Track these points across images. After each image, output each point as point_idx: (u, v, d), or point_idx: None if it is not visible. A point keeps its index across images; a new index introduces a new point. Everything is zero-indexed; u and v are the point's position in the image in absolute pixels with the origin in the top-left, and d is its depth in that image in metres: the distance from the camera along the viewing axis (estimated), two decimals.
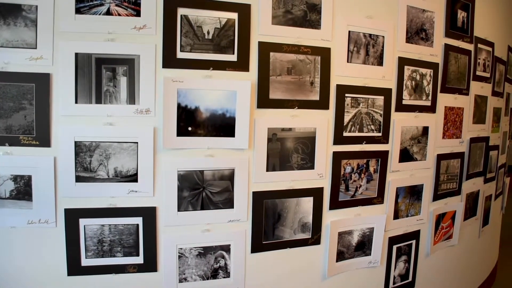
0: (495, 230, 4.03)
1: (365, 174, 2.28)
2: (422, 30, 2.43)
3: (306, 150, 2.06)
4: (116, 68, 1.71)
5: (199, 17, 1.79)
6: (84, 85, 1.68)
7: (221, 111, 1.83)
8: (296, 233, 2.12)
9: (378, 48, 2.23)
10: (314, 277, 2.23)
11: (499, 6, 3.27)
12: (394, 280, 2.59)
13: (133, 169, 1.76)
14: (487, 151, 3.24)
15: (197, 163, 1.85)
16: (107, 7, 1.68)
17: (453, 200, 2.89)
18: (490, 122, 3.25)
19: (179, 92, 1.76)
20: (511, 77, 3.86)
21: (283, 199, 2.05)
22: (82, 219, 1.74)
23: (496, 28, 3.19)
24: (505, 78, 3.56)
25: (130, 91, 1.73)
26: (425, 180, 2.61)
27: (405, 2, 2.32)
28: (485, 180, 3.32)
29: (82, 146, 1.70)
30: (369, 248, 2.38)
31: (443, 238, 2.87)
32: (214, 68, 1.82)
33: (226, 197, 1.91)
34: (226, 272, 1.98)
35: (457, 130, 2.81)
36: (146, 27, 1.73)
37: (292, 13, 1.97)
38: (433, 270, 2.88)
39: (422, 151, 2.55)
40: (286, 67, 1.96)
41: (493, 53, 3.12)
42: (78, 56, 1.66)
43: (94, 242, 1.77)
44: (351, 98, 2.16)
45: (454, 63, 2.67)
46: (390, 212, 2.44)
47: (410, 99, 2.41)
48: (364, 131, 2.23)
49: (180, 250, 1.88)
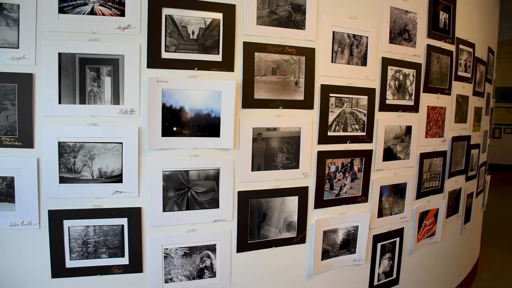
0: (476, 227, 4.11)
1: (350, 173, 2.30)
2: (405, 31, 2.46)
3: (291, 149, 2.07)
4: (100, 68, 1.70)
5: (184, 17, 1.79)
6: (67, 85, 1.66)
7: (206, 111, 1.83)
8: (281, 232, 2.13)
9: (362, 49, 2.25)
10: (299, 276, 2.25)
11: (480, 8, 3.33)
12: (378, 277, 2.62)
13: (118, 170, 1.75)
14: (469, 150, 3.30)
15: (182, 163, 1.84)
16: (91, 6, 1.67)
17: (436, 198, 2.94)
18: (471, 121, 3.31)
19: (164, 92, 1.75)
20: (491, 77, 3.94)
21: (268, 199, 2.06)
22: (66, 221, 1.73)
23: (476, 30, 3.25)
24: (486, 79, 3.63)
25: (114, 91, 1.72)
26: (408, 179, 2.64)
27: (388, 3, 2.35)
28: (467, 178, 3.38)
29: (66, 146, 1.68)
30: (354, 246, 2.41)
31: (426, 235, 2.91)
32: (199, 68, 1.82)
33: (211, 197, 1.92)
34: (212, 272, 1.98)
35: (440, 129, 2.86)
36: (131, 27, 1.72)
37: (277, 14, 1.98)
38: (416, 267, 2.92)
39: (406, 150, 2.58)
40: (271, 67, 1.97)
41: (474, 54, 3.18)
42: (62, 56, 1.65)
43: (79, 243, 1.76)
44: (336, 98, 2.18)
45: (437, 63, 2.72)
46: (374, 211, 2.47)
47: (394, 98, 2.45)
48: (348, 130, 2.25)
49: (166, 250, 1.88)
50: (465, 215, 3.48)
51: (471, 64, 3.16)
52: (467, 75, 3.12)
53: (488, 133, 4.16)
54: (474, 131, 3.44)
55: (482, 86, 3.52)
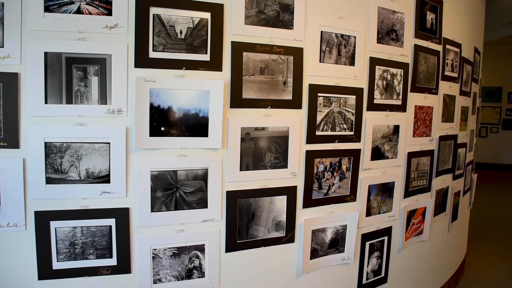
0: (463, 225, 4.15)
1: (338, 173, 2.32)
2: (393, 31, 2.48)
3: (279, 149, 2.07)
4: (87, 67, 1.69)
5: (172, 16, 1.79)
6: (54, 85, 1.65)
7: (194, 111, 1.83)
8: (270, 232, 2.13)
9: (350, 48, 2.26)
10: (288, 275, 2.25)
11: (466, 9, 3.37)
12: (367, 276, 2.63)
13: (105, 170, 1.74)
14: (456, 149, 3.34)
15: (170, 163, 1.84)
16: (78, 5, 1.65)
17: (424, 197, 2.97)
18: (458, 120, 3.34)
19: (152, 92, 1.75)
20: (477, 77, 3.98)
21: (257, 198, 2.06)
22: (53, 222, 1.71)
23: (463, 30, 3.28)
24: (472, 78, 3.67)
25: (101, 91, 1.71)
26: (396, 178, 2.66)
27: (376, 4, 2.36)
28: (454, 177, 3.42)
29: (52, 147, 1.66)
30: (343, 245, 2.42)
31: (414, 234, 2.94)
32: (187, 67, 1.81)
33: (199, 197, 1.91)
34: (201, 272, 1.98)
35: (427, 129, 2.88)
36: (118, 26, 1.71)
37: (265, 13, 1.98)
38: (404, 265, 2.94)
39: (393, 149, 2.60)
40: (259, 67, 1.97)
41: (460, 54, 3.21)
42: (48, 55, 1.63)
43: (66, 244, 1.74)
44: (324, 97, 2.18)
45: (424, 63, 2.74)
46: (363, 210, 2.48)
47: (381, 98, 2.46)
48: (337, 130, 2.26)
49: (154, 251, 1.87)
50: (452, 213, 3.51)
51: (457, 64, 3.19)
52: (454, 75, 3.15)
53: (474, 132, 4.21)
54: (461, 130, 3.47)
55: (468, 85, 3.56)
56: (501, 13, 4.90)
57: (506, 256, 4.83)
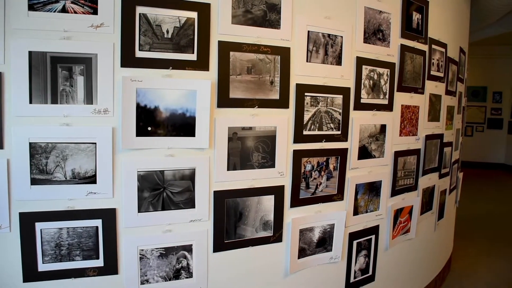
0: (449, 223, 4.20)
1: (325, 172, 2.32)
2: (379, 31, 2.50)
3: (266, 148, 2.08)
4: (73, 67, 1.67)
5: (158, 15, 1.78)
6: (38, 84, 1.63)
7: (181, 110, 1.82)
8: (258, 231, 2.13)
9: (336, 48, 2.27)
10: (276, 274, 2.26)
11: (451, 9, 3.40)
12: (355, 275, 2.65)
13: (92, 170, 1.72)
14: (442, 148, 3.37)
15: (157, 163, 1.83)
16: (63, 4, 1.63)
17: (410, 196, 2.99)
18: (444, 119, 3.38)
19: (138, 92, 1.74)
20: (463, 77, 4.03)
21: (245, 198, 2.06)
22: (39, 223, 1.69)
23: (448, 30, 3.32)
24: (457, 78, 3.71)
25: (87, 91, 1.69)
26: (383, 177, 2.68)
27: (362, 4, 2.37)
28: (440, 176, 3.46)
29: (37, 147, 1.64)
30: (330, 244, 2.43)
31: (401, 232, 2.96)
32: (173, 67, 1.81)
33: (187, 197, 1.90)
34: (189, 272, 1.97)
35: (413, 128, 2.91)
36: (104, 25, 1.69)
37: (252, 13, 1.98)
38: (392, 263, 2.97)
39: (380, 148, 2.62)
40: (246, 67, 1.97)
41: (446, 54, 3.25)
42: (32, 55, 1.61)
43: (52, 246, 1.72)
44: (311, 97, 2.19)
45: (410, 63, 2.76)
46: (350, 209, 2.50)
47: (368, 98, 2.48)
48: (324, 129, 2.27)
49: (141, 251, 1.86)
50: (438, 211, 3.55)
51: (443, 63, 3.22)
52: (440, 75, 3.18)
53: (460, 131, 4.26)
54: (447, 130, 3.51)
55: (454, 85, 3.60)
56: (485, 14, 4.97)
57: (492, 252, 4.90)
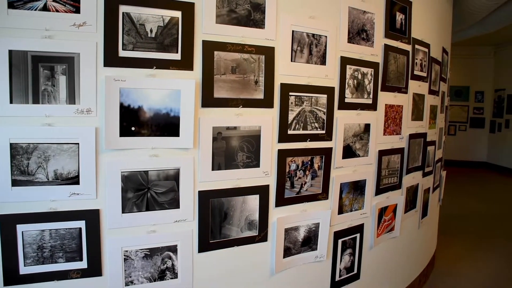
0: (433, 221, 4.25)
1: (310, 171, 2.33)
2: (363, 31, 2.51)
3: (251, 148, 2.08)
4: (55, 66, 1.64)
5: (142, 14, 1.76)
6: (19, 84, 1.60)
7: (165, 110, 1.81)
8: (243, 231, 2.13)
9: (321, 48, 2.28)
10: (262, 274, 2.26)
11: (434, 10, 3.45)
12: (340, 273, 2.66)
13: (75, 171, 1.70)
14: (425, 147, 3.41)
15: (141, 163, 1.81)
16: (44, 2, 1.61)
17: (394, 194, 3.02)
18: (427, 119, 3.42)
19: (122, 92, 1.72)
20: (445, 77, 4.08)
21: (229, 198, 2.06)
22: (20, 225, 1.66)
23: (431, 31, 3.36)
24: (441, 78, 3.76)
25: (70, 91, 1.67)
26: (367, 176, 2.70)
27: (346, 4, 2.39)
28: (424, 174, 3.50)
29: (18, 148, 1.62)
30: (315, 243, 2.44)
31: (386, 230, 2.99)
32: (157, 67, 1.79)
33: (171, 197, 1.89)
34: (174, 273, 1.96)
35: (397, 127, 2.94)
36: (86, 24, 1.67)
37: (236, 12, 1.97)
38: (377, 261, 2.99)
39: (364, 147, 2.64)
40: (230, 66, 1.97)
41: (429, 54, 3.29)
42: (13, 54, 1.58)
43: (34, 248, 1.69)
44: (295, 96, 2.20)
45: (394, 62, 2.79)
46: (335, 207, 2.51)
47: (352, 97, 2.49)
48: (308, 129, 2.28)
49: (126, 252, 1.84)
50: (422, 209, 3.59)
51: (426, 63, 3.26)
52: (423, 74, 3.22)
53: (443, 130, 4.32)
54: (430, 129, 3.55)
55: (437, 85, 3.65)
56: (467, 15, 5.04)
57: (475, 249, 4.98)
